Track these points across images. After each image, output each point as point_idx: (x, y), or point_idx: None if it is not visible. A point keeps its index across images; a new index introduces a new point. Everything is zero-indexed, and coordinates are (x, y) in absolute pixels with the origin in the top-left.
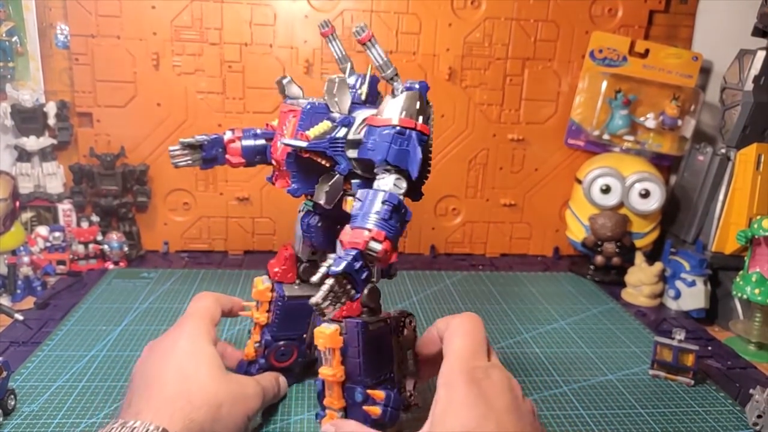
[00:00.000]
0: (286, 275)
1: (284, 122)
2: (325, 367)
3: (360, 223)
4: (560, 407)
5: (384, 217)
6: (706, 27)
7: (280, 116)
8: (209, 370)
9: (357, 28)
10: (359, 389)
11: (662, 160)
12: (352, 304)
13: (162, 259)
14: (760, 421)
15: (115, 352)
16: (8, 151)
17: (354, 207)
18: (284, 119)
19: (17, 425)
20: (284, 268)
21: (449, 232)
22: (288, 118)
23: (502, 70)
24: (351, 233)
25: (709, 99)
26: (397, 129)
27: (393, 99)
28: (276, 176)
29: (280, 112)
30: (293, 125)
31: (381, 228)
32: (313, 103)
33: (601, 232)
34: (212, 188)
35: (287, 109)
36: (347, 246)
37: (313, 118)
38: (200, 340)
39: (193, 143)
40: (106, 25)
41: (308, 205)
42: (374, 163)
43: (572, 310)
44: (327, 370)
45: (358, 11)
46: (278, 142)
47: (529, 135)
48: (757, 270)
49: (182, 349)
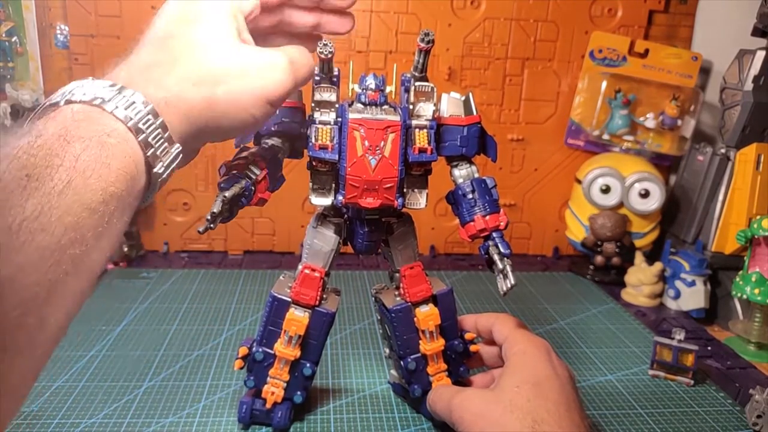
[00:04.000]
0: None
1: (377, 139)
2: (429, 343)
3: (492, 208)
4: None
5: (496, 198)
6: (706, 27)
7: (368, 133)
8: (219, 38)
9: (429, 37)
10: (457, 342)
11: (662, 160)
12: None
13: (162, 259)
14: (760, 421)
15: (115, 352)
16: None
17: (467, 196)
18: (374, 136)
19: (17, 425)
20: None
21: (449, 232)
22: (383, 134)
23: (502, 70)
24: (489, 218)
25: (708, 99)
26: (480, 125)
27: (450, 98)
28: (354, 196)
29: (360, 127)
30: (394, 141)
31: (498, 207)
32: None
33: (600, 232)
34: (212, 188)
35: (375, 126)
36: (491, 229)
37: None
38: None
39: (222, 211)
40: (106, 25)
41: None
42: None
43: (572, 310)
44: (432, 345)
45: (358, 11)
46: (366, 159)
47: (529, 135)
48: (756, 270)
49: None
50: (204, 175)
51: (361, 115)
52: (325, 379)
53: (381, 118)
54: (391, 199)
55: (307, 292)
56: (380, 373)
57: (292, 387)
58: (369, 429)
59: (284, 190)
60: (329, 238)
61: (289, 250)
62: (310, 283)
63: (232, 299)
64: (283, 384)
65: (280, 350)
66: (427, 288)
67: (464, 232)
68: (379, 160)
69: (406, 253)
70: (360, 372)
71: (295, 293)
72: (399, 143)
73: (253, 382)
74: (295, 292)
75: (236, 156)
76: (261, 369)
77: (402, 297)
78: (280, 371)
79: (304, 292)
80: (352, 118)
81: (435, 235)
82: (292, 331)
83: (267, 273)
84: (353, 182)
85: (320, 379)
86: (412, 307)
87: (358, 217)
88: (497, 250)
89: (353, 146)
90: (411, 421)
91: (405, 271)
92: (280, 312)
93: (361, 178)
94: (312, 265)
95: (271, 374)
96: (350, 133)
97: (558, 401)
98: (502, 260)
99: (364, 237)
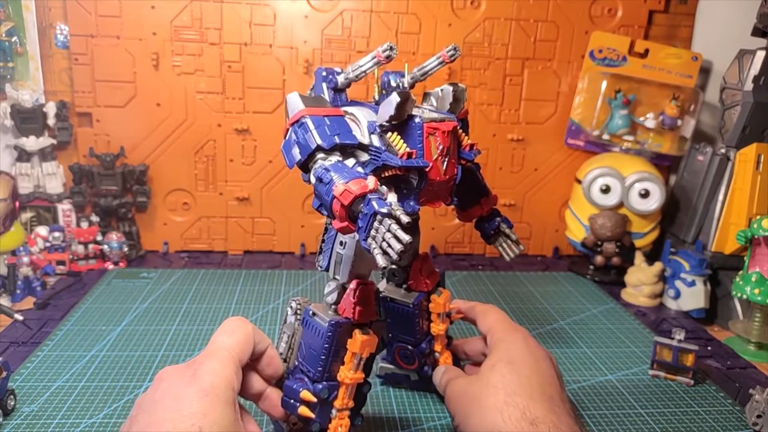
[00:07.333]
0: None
1: (447, 141)
2: (441, 324)
3: (487, 191)
4: None
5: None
6: (706, 27)
7: (442, 136)
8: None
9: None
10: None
11: (662, 160)
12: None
13: (162, 259)
14: (760, 421)
15: (115, 352)
16: (8, 151)
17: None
18: (445, 138)
19: (17, 425)
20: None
21: (449, 232)
22: (436, 136)
23: (502, 70)
24: (491, 199)
25: (708, 99)
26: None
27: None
28: (425, 200)
29: (434, 131)
30: (455, 142)
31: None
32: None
33: (600, 232)
34: (212, 188)
35: (446, 129)
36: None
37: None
38: (215, 401)
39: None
40: (106, 25)
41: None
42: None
43: (572, 310)
44: (443, 325)
45: (358, 11)
46: (439, 161)
47: (529, 135)
48: (756, 270)
49: (189, 413)
50: (204, 175)
51: (428, 117)
52: None
53: (443, 119)
54: (449, 197)
55: (369, 309)
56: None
57: (354, 412)
58: (368, 429)
59: (284, 190)
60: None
61: (289, 250)
62: (369, 299)
63: (232, 299)
64: (348, 413)
65: (350, 377)
66: (437, 274)
67: (467, 215)
68: (447, 161)
69: (417, 247)
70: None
71: (357, 312)
72: (456, 143)
73: (319, 424)
74: (357, 312)
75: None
76: (326, 406)
77: (416, 288)
78: (347, 400)
79: (366, 309)
80: (426, 123)
81: (435, 235)
82: (366, 353)
83: (267, 273)
84: (430, 186)
85: None
86: (427, 295)
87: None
88: (507, 225)
89: (429, 150)
90: (411, 421)
91: (419, 264)
92: (343, 337)
93: (436, 181)
94: (364, 280)
95: (337, 407)
96: (426, 138)
97: (530, 376)
98: (512, 232)
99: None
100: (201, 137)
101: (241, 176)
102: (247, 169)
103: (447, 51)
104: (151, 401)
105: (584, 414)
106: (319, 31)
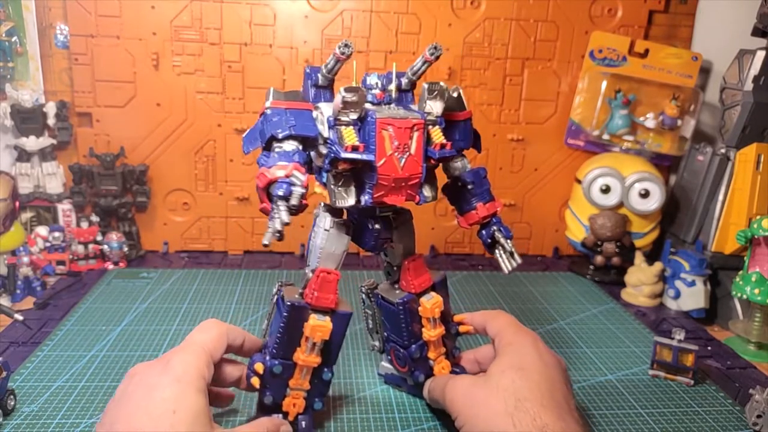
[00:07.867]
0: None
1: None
2: (433, 330)
3: (489, 196)
4: None
5: (489, 186)
6: (706, 27)
7: (397, 132)
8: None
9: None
10: (452, 324)
11: (662, 160)
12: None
13: (162, 259)
14: (760, 421)
15: (115, 352)
16: (8, 151)
17: (467, 186)
18: (402, 134)
19: (17, 425)
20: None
21: (449, 232)
22: (410, 133)
23: (502, 70)
24: (489, 205)
25: (708, 99)
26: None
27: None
28: (381, 195)
29: (388, 126)
30: (419, 139)
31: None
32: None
33: (600, 232)
34: (212, 188)
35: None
36: (489, 216)
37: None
38: (187, 387)
39: (286, 223)
40: (106, 25)
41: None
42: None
43: (572, 310)
44: (436, 331)
45: (358, 11)
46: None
47: (529, 135)
48: (756, 270)
49: (161, 399)
50: (204, 175)
51: (387, 114)
52: None
53: (406, 116)
54: (414, 195)
55: (326, 296)
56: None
57: (312, 395)
58: (369, 429)
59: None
60: (342, 239)
61: (289, 250)
62: (328, 287)
63: (232, 299)
64: (304, 393)
65: (302, 359)
66: (428, 277)
67: (464, 220)
68: (407, 158)
69: (408, 246)
70: (360, 372)
71: (314, 299)
72: (423, 141)
73: (272, 397)
74: (314, 298)
75: (271, 163)
76: (279, 382)
77: (405, 289)
78: (302, 381)
79: (324, 296)
80: (380, 118)
81: (435, 235)
82: (317, 338)
83: (267, 273)
84: (383, 181)
85: None
86: (417, 297)
87: (371, 216)
88: (502, 234)
89: (382, 145)
90: (411, 421)
91: (408, 263)
92: (299, 319)
93: (391, 177)
94: (327, 269)
95: (291, 385)
96: (379, 133)
97: (540, 382)
98: (507, 242)
99: (377, 235)
100: (201, 137)
101: (241, 176)
102: (247, 169)
103: (428, 50)
104: (123, 394)
105: (584, 414)
106: (319, 31)
